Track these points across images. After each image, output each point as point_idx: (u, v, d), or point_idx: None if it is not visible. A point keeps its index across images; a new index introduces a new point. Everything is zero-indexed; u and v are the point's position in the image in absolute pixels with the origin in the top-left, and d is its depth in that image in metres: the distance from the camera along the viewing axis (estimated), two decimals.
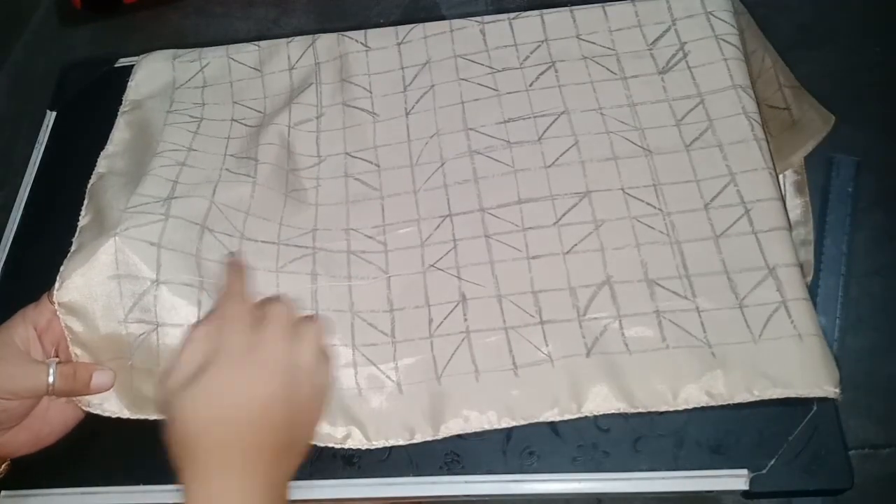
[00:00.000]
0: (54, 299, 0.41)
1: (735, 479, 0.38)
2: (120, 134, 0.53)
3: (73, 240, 0.46)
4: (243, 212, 0.46)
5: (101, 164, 0.51)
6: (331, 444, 0.41)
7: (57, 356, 0.42)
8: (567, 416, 0.39)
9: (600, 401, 0.39)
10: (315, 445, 0.41)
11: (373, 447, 0.41)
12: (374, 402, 0.41)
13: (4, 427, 0.40)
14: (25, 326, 0.41)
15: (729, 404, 0.39)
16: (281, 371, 0.36)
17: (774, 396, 0.38)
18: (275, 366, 0.36)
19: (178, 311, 0.42)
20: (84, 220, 0.48)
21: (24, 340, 0.40)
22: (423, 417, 0.41)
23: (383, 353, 0.43)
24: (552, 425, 0.41)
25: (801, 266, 0.41)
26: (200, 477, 0.34)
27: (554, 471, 0.40)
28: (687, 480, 0.39)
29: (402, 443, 0.40)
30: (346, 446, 0.41)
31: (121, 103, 0.55)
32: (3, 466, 0.43)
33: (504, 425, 0.40)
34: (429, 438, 0.40)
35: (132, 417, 0.42)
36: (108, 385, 0.41)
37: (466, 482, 0.40)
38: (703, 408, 0.39)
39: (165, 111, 0.54)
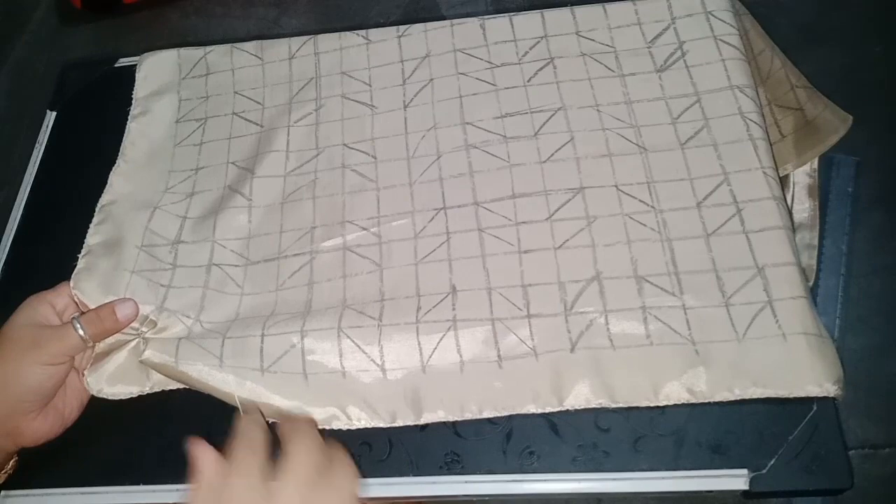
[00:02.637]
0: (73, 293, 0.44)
1: (735, 479, 0.38)
2: (131, 148, 0.53)
3: (81, 256, 0.47)
4: (244, 238, 0.48)
5: (115, 182, 0.51)
6: None
7: None
8: (549, 409, 0.40)
9: (581, 396, 0.40)
10: None
11: (353, 427, 0.41)
12: (357, 385, 0.42)
13: (47, 399, 0.42)
14: (45, 306, 0.43)
15: (728, 404, 0.39)
16: None
17: (755, 396, 0.38)
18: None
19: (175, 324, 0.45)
20: (94, 238, 0.48)
21: (45, 317, 0.43)
22: (406, 403, 0.41)
23: (368, 335, 0.43)
24: (552, 425, 0.41)
25: (798, 265, 0.41)
26: None
27: (554, 470, 0.40)
28: (687, 480, 0.39)
29: (382, 425, 0.41)
30: (328, 427, 0.41)
31: (122, 103, 0.55)
32: (11, 463, 0.43)
33: (485, 416, 0.40)
34: (410, 423, 0.41)
35: (152, 391, 0.44)
36: (135, 311, 0.44)
37: (466, 482, 0.40)
38: (703, 408, 0.39)
39: (174, 121, 0.55)
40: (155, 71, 0.57)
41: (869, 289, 0.51)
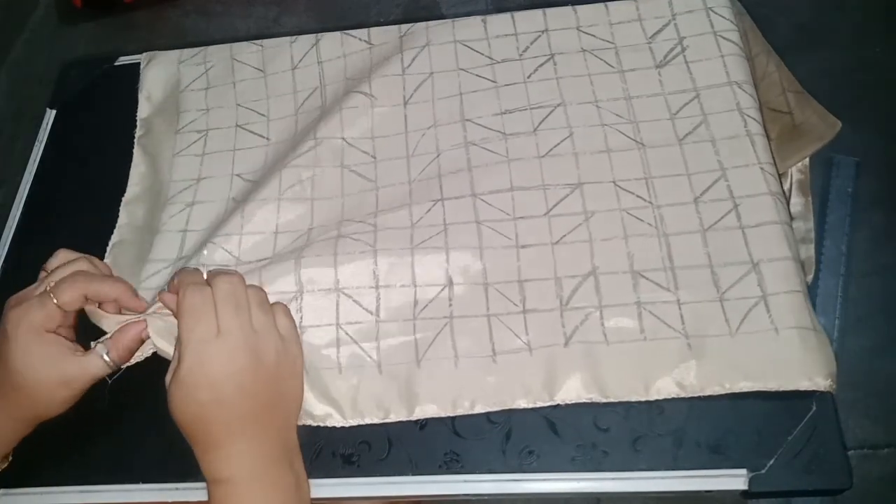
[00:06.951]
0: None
1: (734, 479, 0.38)
2: (137, 170, 0.53)
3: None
4: (237, 234, 0.47)
5: (131, 190, 0.52)
6: (308, 422, 0.41)
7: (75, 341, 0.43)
8: (539, 404, 0.40)
9: (573, 390, 0.40)
10: (313, 443, 0.41)
11: (348, 425, 0.41)
12: (352, 381, 0.42)
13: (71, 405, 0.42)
14: (43, 332, 0.41)
15: (727, 404, 0.39)
16: (240, 344, 0.39)
17: (745, 390, 0.38)
18: (234, 341, 0.39)
19: None
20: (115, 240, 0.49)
21: (56, 352, 0.41)
22: (399, 399, 0.41)
23: (366, 331, 0.43)
24: (551, 424, 0.41)
25: (794, 260, 0.41)
26: (205, 451, 0.39)
27: (553, 470, 0.40)
28: (686, 480, 0.39)
29: (376, 422, 0.41)
30: (324, 424, 0.41)
31: (121, 101, 0.55)
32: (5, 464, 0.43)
33: (477, 411, 0.40)
34: (403, 419, 0.41)
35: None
36: (144, 328, 0.42)
37: (466, 481, 0.40)
38: (702, 407, 0.39)
39: (174, 131, 0.54)
40: (156, 88, 0.56)
41: (869, 289, 0.51)
